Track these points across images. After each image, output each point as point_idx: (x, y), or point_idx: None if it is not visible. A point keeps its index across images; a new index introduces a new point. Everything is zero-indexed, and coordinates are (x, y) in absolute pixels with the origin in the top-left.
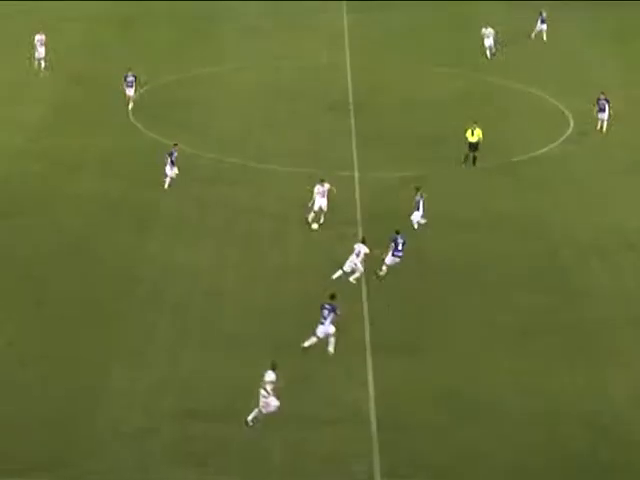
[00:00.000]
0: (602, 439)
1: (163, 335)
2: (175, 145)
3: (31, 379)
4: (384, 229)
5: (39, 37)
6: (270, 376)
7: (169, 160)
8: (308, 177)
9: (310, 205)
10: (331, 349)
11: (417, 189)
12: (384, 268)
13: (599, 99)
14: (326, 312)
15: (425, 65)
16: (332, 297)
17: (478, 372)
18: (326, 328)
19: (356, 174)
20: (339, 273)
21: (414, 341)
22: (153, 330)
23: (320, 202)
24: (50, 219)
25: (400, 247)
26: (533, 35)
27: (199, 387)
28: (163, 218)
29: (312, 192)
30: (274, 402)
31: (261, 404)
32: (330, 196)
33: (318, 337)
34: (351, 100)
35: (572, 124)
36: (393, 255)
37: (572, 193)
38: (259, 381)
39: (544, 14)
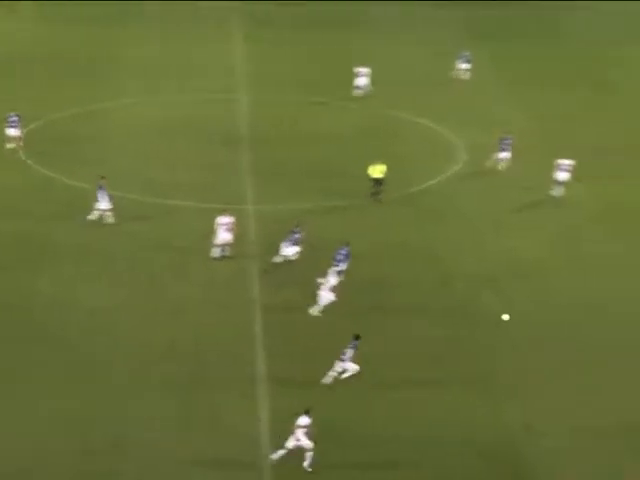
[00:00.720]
0: (499, 468)
1: (53, 373)
2: (102, 178)
3: None
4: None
5: None
6: (304, 420)
7: (101, 194)
8: (206, 211)
9: (214, 238)
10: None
11: (298, 224)
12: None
13: (503, 139)
14: (348, 350)
15: (320, 98)
16: (357, 337)
17: (372, 405)
18: (345, 364)
19: (253, 207)
20: (322, 304)
21: (310, 374)
22: (43, 368)
23: (224, 235)
24: None
25: (338, 258)
26: (463, 75)
27: (89, 425)
28: (60, 255)
29: (214, 225)
30: (308, 444)
31: (291, 446)
32: (233, 228)
33: (337, 372)
34: (247, 134)
35: (465, 157)
36: (334, 265)
37: (464, 225)
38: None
39: (466, 54)
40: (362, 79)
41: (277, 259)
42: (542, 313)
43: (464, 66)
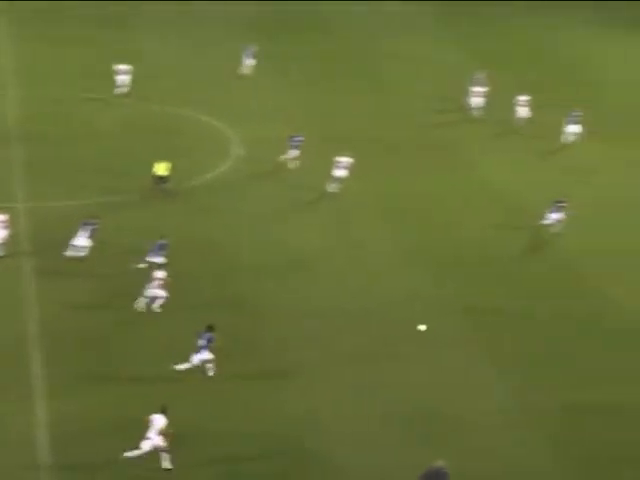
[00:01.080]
0: (286, 457)
1: None
2: None
3: None
4: (59, 257)
5: None
6: (160, 421)
7: None
8: None
9: None
10: (210, 373)
11: (94, 217)
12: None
13: (292, 136)
14: (203, 341)
15: (96, 95)
16: (210, 328)
17: (177, 397)
18: (201, 355)
19: (24, 205)
20: (142, 300)
21: (89, 374)
22: None
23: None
24: None
25: (153, 250)
26: (248, 71)
27: None
28: None
29: None
30: (161, 442)
31: (146, 447)
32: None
33: (193, 364)
34: (17, 131)
35: (245, 153)
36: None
37: (243, 219)
38: None
39: (251, 50)
40: (122, 77)
41: (70, 252)
42: (326, 306)
43: (249, 62)
